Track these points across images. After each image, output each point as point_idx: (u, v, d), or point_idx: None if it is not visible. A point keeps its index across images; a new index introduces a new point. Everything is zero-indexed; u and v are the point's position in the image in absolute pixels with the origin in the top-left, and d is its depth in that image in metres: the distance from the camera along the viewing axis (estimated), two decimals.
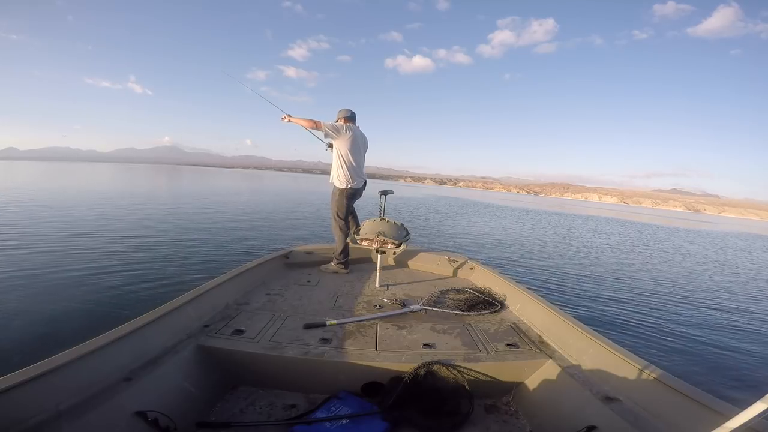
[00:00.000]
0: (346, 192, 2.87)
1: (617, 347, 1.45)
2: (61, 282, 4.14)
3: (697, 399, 1.10)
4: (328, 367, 1.46)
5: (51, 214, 8.89)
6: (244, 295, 2.13)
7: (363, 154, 2.96)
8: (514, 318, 2.07)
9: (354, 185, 2.88)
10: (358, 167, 2.88)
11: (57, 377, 1.03)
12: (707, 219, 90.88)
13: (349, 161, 2.82)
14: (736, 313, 5.47)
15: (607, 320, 4.50)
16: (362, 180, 2.97)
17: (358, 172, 2.88)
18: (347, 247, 2.93)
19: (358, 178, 2.90)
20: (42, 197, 12.77)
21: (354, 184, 2.88)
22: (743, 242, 21.47)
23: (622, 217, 38.76)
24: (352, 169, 2.84)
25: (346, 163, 2.82)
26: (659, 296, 6.05)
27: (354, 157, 2.84)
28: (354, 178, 2.86)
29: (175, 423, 1.11)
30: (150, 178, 39.19)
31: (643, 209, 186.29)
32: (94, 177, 32.46)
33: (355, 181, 2.88)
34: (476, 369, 1.48)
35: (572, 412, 1.28)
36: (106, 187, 20.24)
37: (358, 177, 2.89)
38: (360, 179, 2.93)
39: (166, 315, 1.51)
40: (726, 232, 32.89)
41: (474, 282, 2.79)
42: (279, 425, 1.25)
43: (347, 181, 2.85)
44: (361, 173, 2.94)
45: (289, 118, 2.86)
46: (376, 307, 2.12)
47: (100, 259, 5.16)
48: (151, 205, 12.61)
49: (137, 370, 1.24)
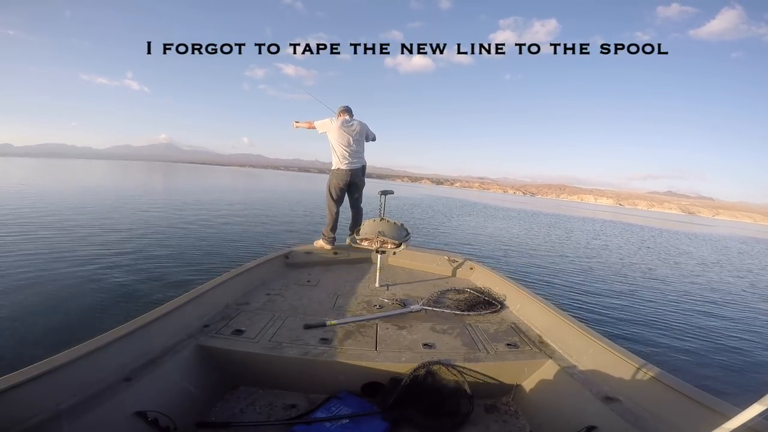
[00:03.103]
0: (336, 172, 3.28)
1: (617, 347, 1.46)
2: (60, 282, 4.11)
3: (697, 399, 1.10)
4: (328, 367, 1.46)
5: (50, 214, 8.81)
6: (244, 295, 2.12)
7: (353, 141, 3.27)
8: (514, 318, 2.07)
9: (342, 167, 3.24)
10: (345, 151, 3.23)
11: (57, 377, 1.02)
12: (702, 222, 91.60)
13: (337, 145, 3.23)
14: (737, 313, 5.53)
15: (607, 320, 4.53)
16: (351, 163, 3.27)
17: (346, 156, 3.24)
18: (335, 226, 3.30)
19: (347, 161, 3.24)
20: (38, 195, 12.66)
21: (342, 166, 3.24)
22: (741, 245, 21.66)
23: (617, 219, 39.00)
24: (340, 153, 3.23)
25: (335, 149, 3.25)
26: (659, 296, 6.11)
27: (340, 142, 3.22)
28: (341, 162, 3.24)
29: (175, 423, 1.11)
30: (147, 175, 38.97)
31: (638, 211, 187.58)
32: (89, 174, 32.21)
33: (343, 164, 3.24)
34: (476, 369, 1.48)
35: (572, 412, 1.29)
36: (103, 185, 20.10)
37: (345, 160, 3.24)
38: (348, 163, 3.25)
39: (166, 315, 1.50)
40: (723, 235, 33.13)
41: (474, 282, 2.80)
42: (279, 425, 1.25)
43: (337, 163, 3.27)
44: (352, 158, 3.26)
45: (297, 124, 3.50)
46: (376, 307, 2.12)
47: (99, 259, 5.13)
48: (149, 204, 12.53)
49: (137, 370, 1.24)
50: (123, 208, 10.88)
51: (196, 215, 10.49)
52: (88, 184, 20.57)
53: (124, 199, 13.55)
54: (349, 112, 3.38)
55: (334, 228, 3.29)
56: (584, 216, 37.77)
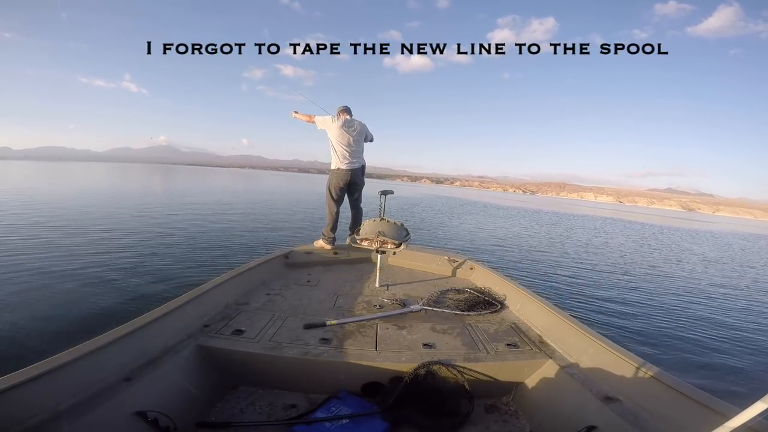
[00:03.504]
0: (336, 172, 3.24)
1: (617, 347, 1.45)
2: (60, 282, 4.12)
3: (697, 399, 1.10)
4: (328, 367, 1.46)
5: (49, 214, 8.83)
6: (244, 295, 2.12)
7: (353, 141, 3.25)
8: (514, 318, 2.07)
9: (342, 167, 3.22)
10: (345, 151, 3.21)
11: (57, 377, 1.02)
12: (702, 219, 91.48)
13: (338, 145, 3.20)
14: (737, 313, 5.52)
15: (607, 320, 4.52)
16: (351, 163, 3.25)
17: (346, 155, 3.22)
18: (335, 226, 3.28)
19: (347, 161, 3.23)
20: (38, 197, 12.68)
21: (342, 166, 3.22)
22: (743, 241, 21.62)
23: (618, 216, 38.95)
24: (340, 153, 3.21)
25: (335, 148, 3.22)
26: (660, 295, 6.10)
27: (340, 142, 3.19)
28: (342, 161, 3.22)
29: (175, 423, 1.11)
30: (146, 177, 38.98)
31: (638, 208, 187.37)
32: (89, 177, 32.23)
33: (343, 164, 3.22)
34: (476, 369, 1.48)
35: (572, 412, 1.29)
36: (103, 187, 20.11)
37: (345, 160, 3.22)
38: (348, 162, 3.23)
39: (166, 315, 1.50)
40: (725, 232, 33.06)
41: (474, 282, 2.80)
42: (279, 425, 1.25)
43: (337, 163, 3.24)
44: (352, 158, 3.25)
45: (295, 115, 3.44)
46: (376, 307, 2.12)
47: (99, 259, 5.14)
48: (149, 205, 12.55)
49: (137, 370, 1.24)
50: (123, 209, 10.89)
51: (196, 216, 10.49)
52: (88, 186, 20.60)
53: (124, 200, 13.57)
54: (349, 112, 3.37)
55: (334, 228, 3.29)
56: (584, 214, 37.75)
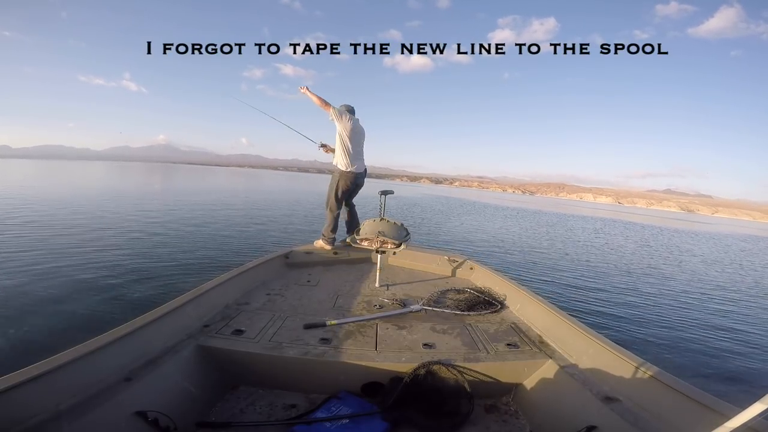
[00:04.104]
0: (346, 174, 3.13)
1: (617, 347, 1.46)
2: (60, 283, 4.10)
3: (697, 399, 1.10)
4: (328, 367, 1.46)
5: (50, 216, 8.80)
6: (244, 295, 2.12)
7: (362, 143, 3.21)
8: (514, 318, 2.07)
9: (354, 169, 3.14)
10: (357, 153, 3.14)
11: (57, 377, 1.02)
12: (701, 220, 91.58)
13: (351, 146, 3.08)
14: (737, 314, 5.52)
15: (607, 320, 4.53)
16: (362, 166, 3.22)
17: (358, 157, 3.16)
18: (336, 226, 3.24)
19: (358, 163, 3.17)
20: (37, 196, 12.65)
21: (354, 168, 3.14)
22: (742, 243, 21.65)
23: (617, 217, 38.98)
24: (352, 154, 3.10)
25: (348, 148, 3.08)
26: (660, 295, 6.11)
27: (354, 143, 3.10)
28: (354, 163, 3.13)
29: (175, 423, 1.11)
30: (145, 176, 38.94)
31: (637, 209, 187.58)
32: (88, 176, 32.19)
33: (355, 166, 3.14)
34: (476, 369, 1.48)
35: (572, 412, 1.29)
36: (102, 186, 20.09)
37: (357, 162, 3.16)
38: (358, 165, 3.17)
39: (166, 315, 1.50)
40: (724, 233, 33.09)
41: (474, 282, 2.80)
42: (279, 425, 1.25)
43: (347, 165, 3.12)
44: (360, 160, 3.20)
45: (306, 90, 3.08)
46: (376, 307, 2.12)
47: (99, 260, 5.12)
48: (149, 205, 12.52)
49: (137, 370, 1.24)
50: (122, 209, 10.87)
51: (195, 216, 10.48)
52: (87, 185, 20.57)
53: (123, 200, 13.54)
54: (353, 112, 3.26)
55: (335, 228, 3.26)
56: (584, 214, 37.76)
